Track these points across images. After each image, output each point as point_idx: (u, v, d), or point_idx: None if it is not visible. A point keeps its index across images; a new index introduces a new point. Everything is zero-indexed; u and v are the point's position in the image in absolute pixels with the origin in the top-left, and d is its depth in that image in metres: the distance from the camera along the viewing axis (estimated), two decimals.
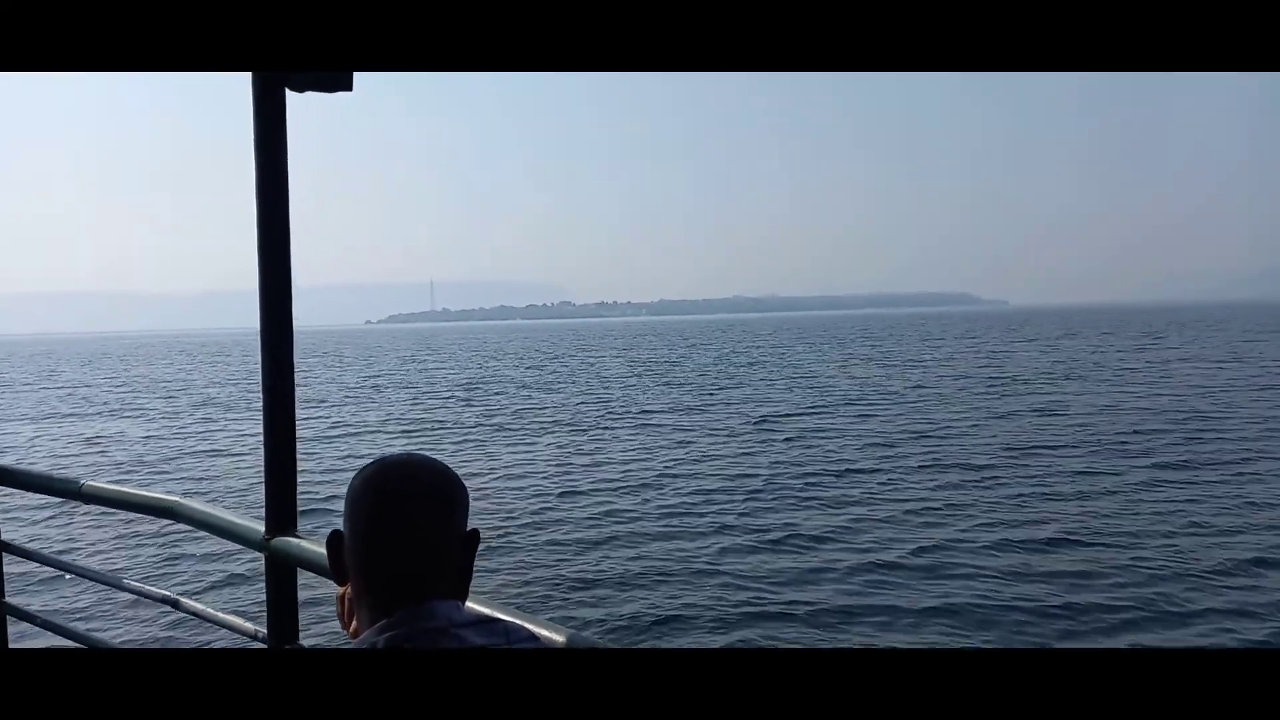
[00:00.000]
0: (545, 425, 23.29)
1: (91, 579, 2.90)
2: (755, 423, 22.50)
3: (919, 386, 31.78)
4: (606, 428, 22.64)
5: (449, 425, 24.06)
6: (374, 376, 45.05)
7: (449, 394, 34.33)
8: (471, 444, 20.36)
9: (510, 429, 22.82)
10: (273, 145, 1.97)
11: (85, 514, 12.04)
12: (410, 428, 23.97)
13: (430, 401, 31.56)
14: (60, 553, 10.05)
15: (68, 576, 7.73)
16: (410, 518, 1.17)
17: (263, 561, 2.05)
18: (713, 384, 35.24)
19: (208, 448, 20.93)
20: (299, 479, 2.10)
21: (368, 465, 1.23)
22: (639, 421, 23.64)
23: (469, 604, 1.28)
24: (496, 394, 33.73)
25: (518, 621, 1.27)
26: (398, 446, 19.45)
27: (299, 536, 1.96)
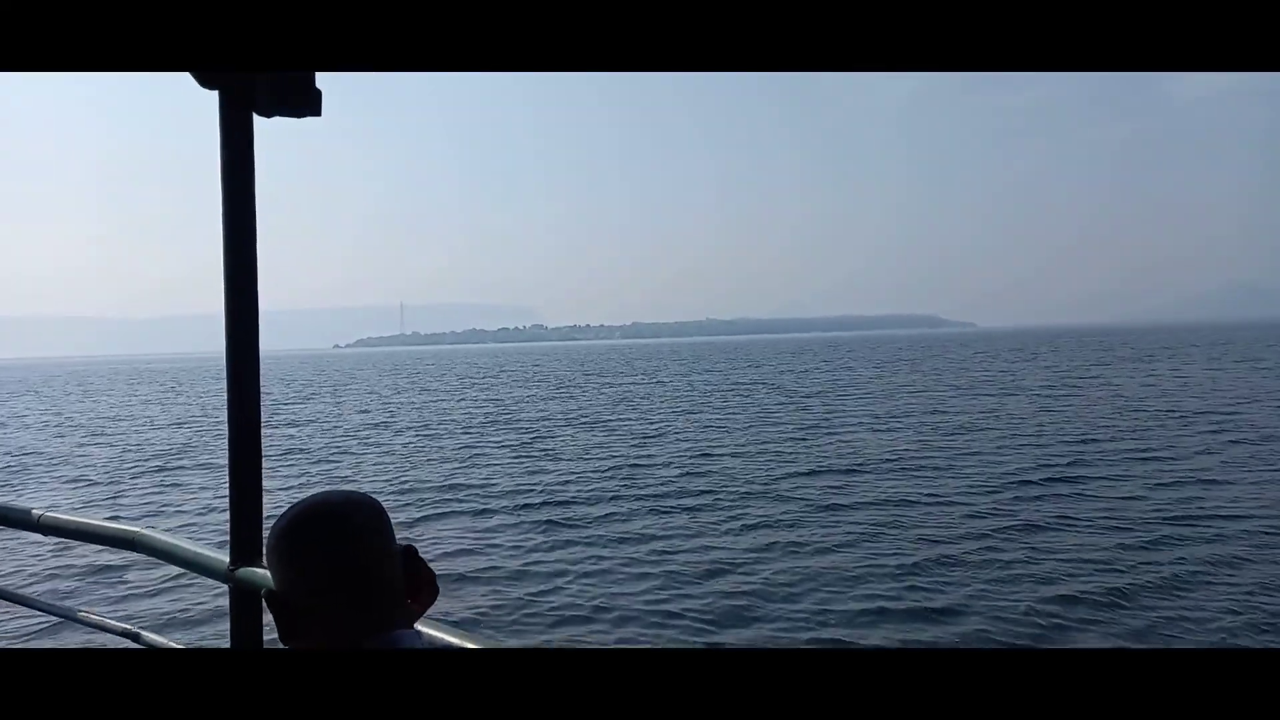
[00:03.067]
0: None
1: (46, 611, 2.82)
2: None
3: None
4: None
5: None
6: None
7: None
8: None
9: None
10: (240, 170, 1.95)
11: (41, 545, 11.73)
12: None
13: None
14: (13, 585, 9.87)
15: (22, 610, 7.47)
16: (357, 554, 1.16)
17: (227, 593, 2.02)
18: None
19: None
20: (265, 508, 2.04)
21: (282, 519, 1.20)
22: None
23: (431, 631, 1.32)
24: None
25: (486, 649, 1.28)
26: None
27: (264, 566, 1.90)
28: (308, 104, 1.85)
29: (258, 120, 1.93)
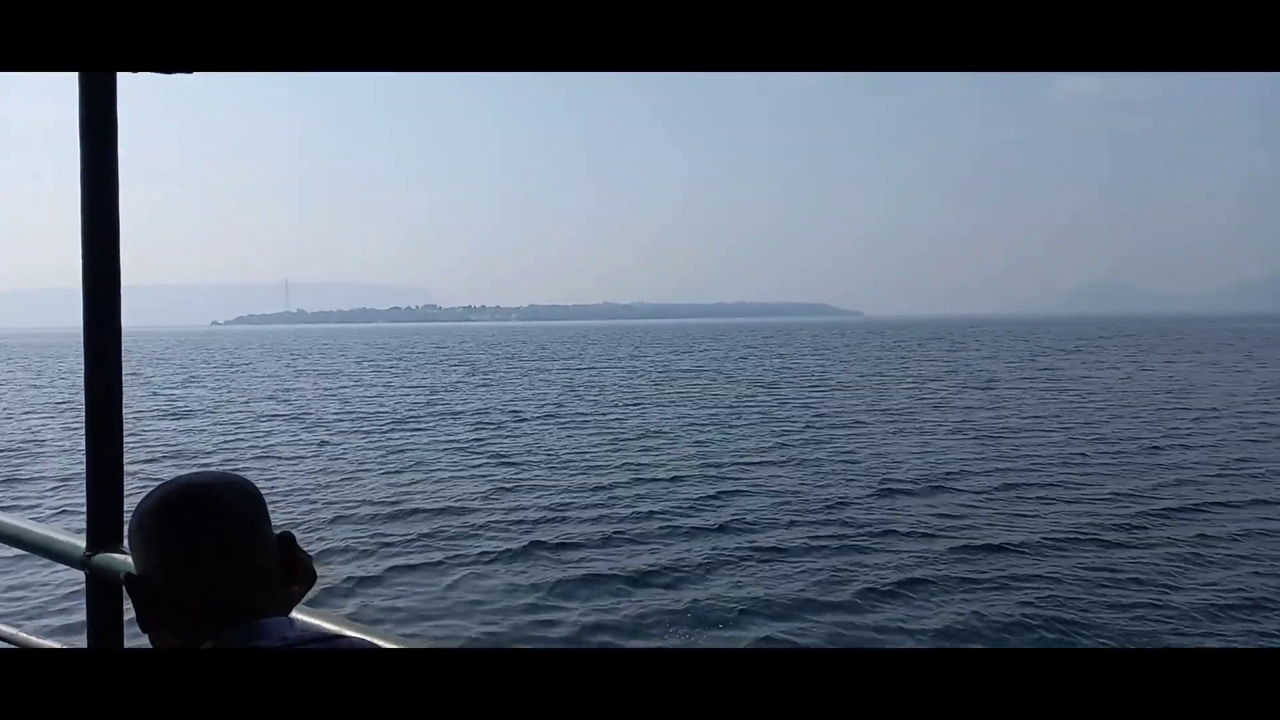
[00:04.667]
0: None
1: None
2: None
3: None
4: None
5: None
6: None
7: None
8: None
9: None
10: (100, 132, 1.84)
11: None
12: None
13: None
14: None
15: None
16: (229, 537, 1.12)
17: (84, 580, 1.94)
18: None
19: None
20: (126, 490, 1.96)
21: (149, 497, 1.15)
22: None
23: (307, 617, 1.28)
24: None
25: (362, 636, 1.22)
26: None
27: (125, 552, 1.78)
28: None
29: (121, 77, 1.84)
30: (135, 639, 1.31)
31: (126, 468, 2.00)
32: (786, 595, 9.24)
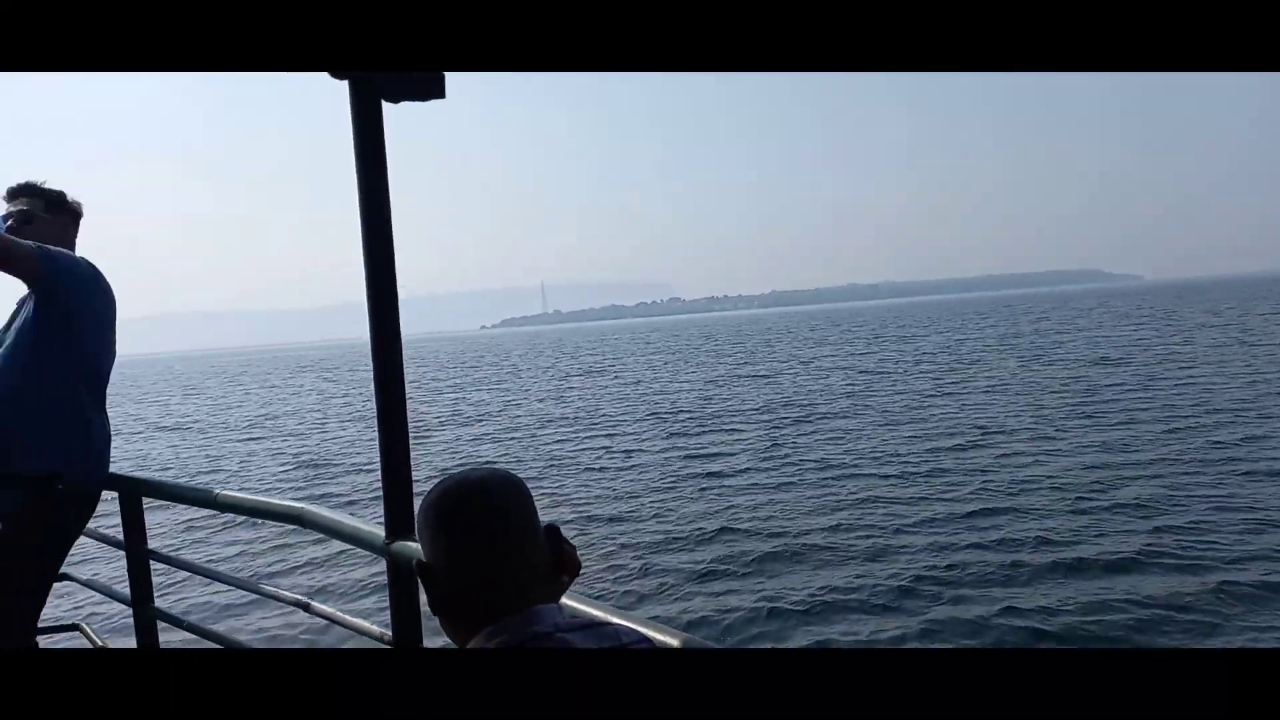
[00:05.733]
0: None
1: (230, 583, 2.93)
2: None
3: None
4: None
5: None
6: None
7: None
8: None
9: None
10: (372, 157, 2.00)
11: (221, 521, 12.27)
12: None
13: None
14: (200, 559, 10.23)
15: (209, 581, 7.89)
16: (494, 530, 1.17)
17: (384, 565, 2.10)
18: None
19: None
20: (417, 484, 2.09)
21: (431, 492, 1.22)
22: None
23: (575, 604, 1.40)
24: None
25: (627, 624, 1.26)
26: None
27: (417, 541, 1.71)
28: (433, 88, 1.94)
29: (387, 107, 1.99)
30: (431, 619, 1.34)
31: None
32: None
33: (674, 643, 1.32)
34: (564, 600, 1.26)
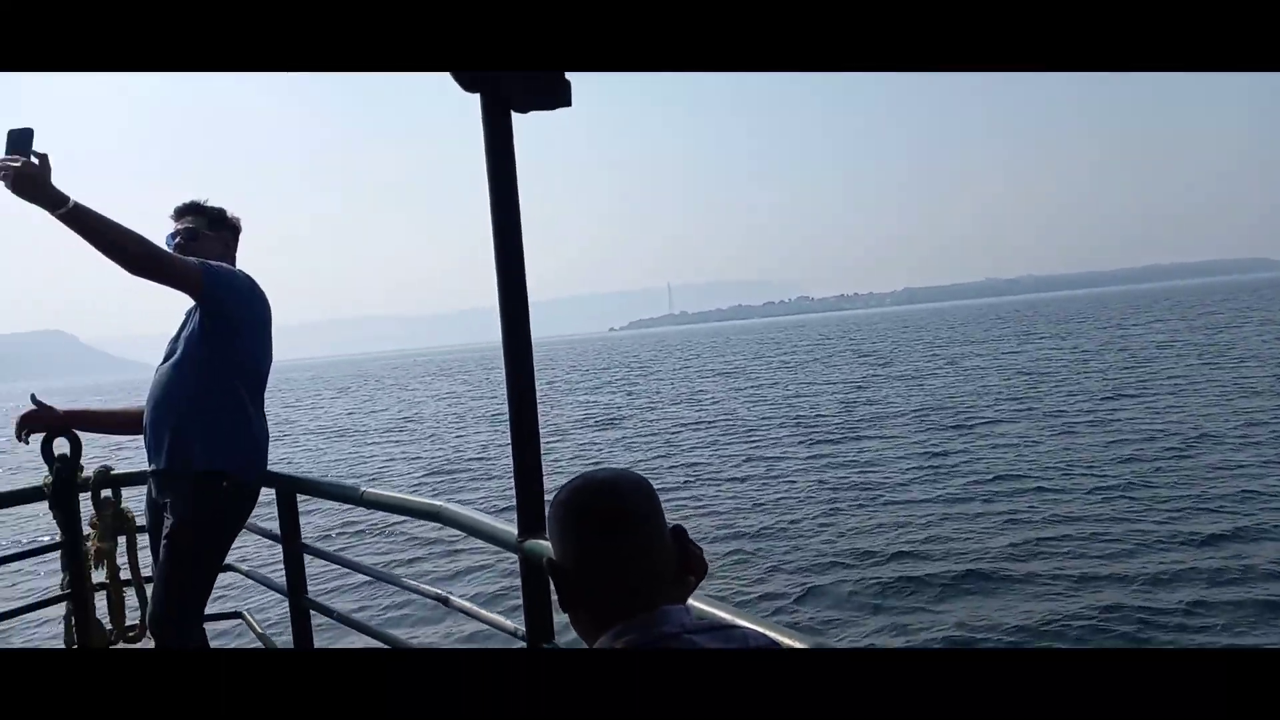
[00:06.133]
0: None
1: (375, 577, 3.08)
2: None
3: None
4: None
5: None
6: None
7: None
8: None
9: None
10: (503, 165, 2.07)
11: (364, 516, 12.66)
12: None
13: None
14: (347, 553, 10.40)
15: (355, 574, 8.25)
16: (627, 530, 1.18)
17: (518, 562, 2.16)
18: None
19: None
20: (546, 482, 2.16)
21: (563, 491, 1.24)
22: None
23: (703, 606, 1.39)
24: None
25: (754, 627, 1.27)
26: None
27: (548, 539, 1.81)
28: (559, 97, 2.05)
29: (516, 118, 2.07)
30: (562, 615, 1.33)
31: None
32: None
33: (802, 648, 1.32)
34: (691, 602, 1.26)
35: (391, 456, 21.91)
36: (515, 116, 2.11)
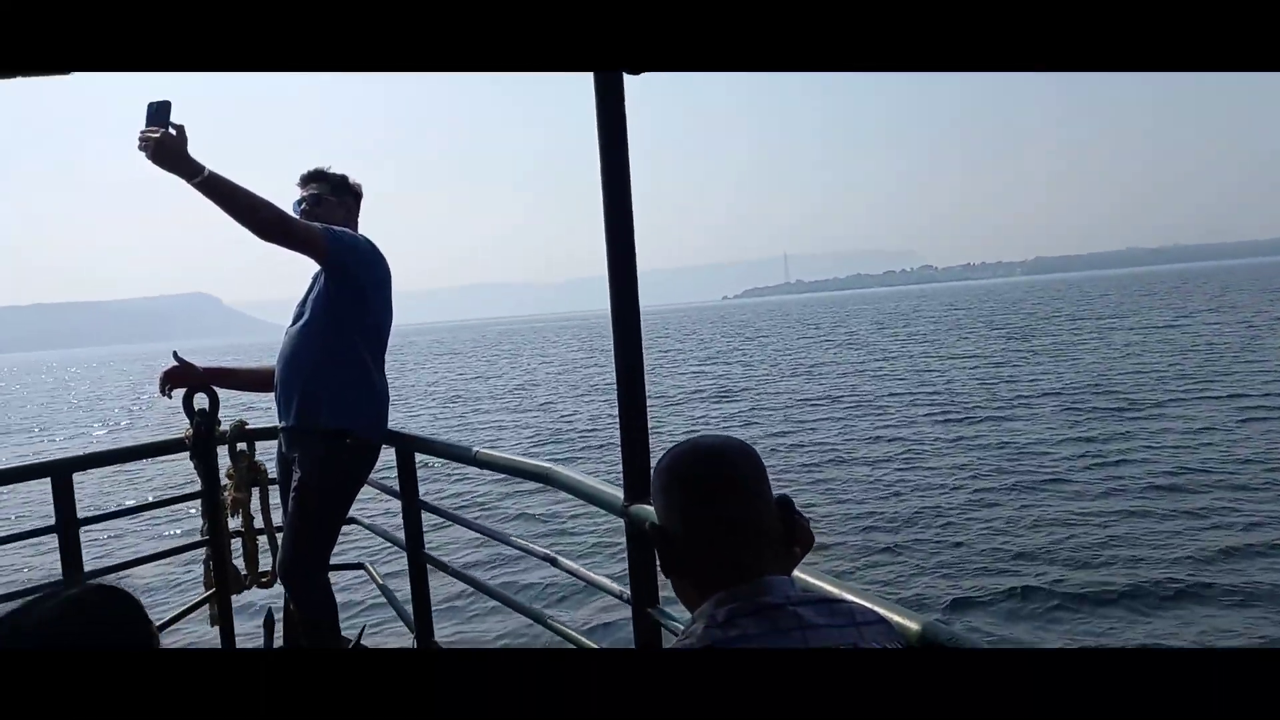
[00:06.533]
0: None
1: (488, 534, 3.13)
2: None
3: None
4: None
5: None
6: None
7: None
8: None
9: None
10: (615, 134, 2.06)
11: (476, 476, 12.96)
12: None
13: None
14: (459, 510, 10.61)
15: (468, 530, 8.39)
16: (730, 497, 1.17)
17: (623, 526, 2.20)
18: None
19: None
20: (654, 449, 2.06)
21: (667, 456, 1.24)
22: None
23: (808, 578, 1.39)
24: None
25: (861, 602, 1.21)
26: None
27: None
28: None
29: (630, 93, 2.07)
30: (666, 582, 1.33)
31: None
32: None
33: (913, 626, 1.28)
34: (796, 573, 1.24)
35: (503, 424, 22.31)
36: (628, 81, 2.09)
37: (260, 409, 3.35)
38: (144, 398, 42.69)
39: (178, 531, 11.06)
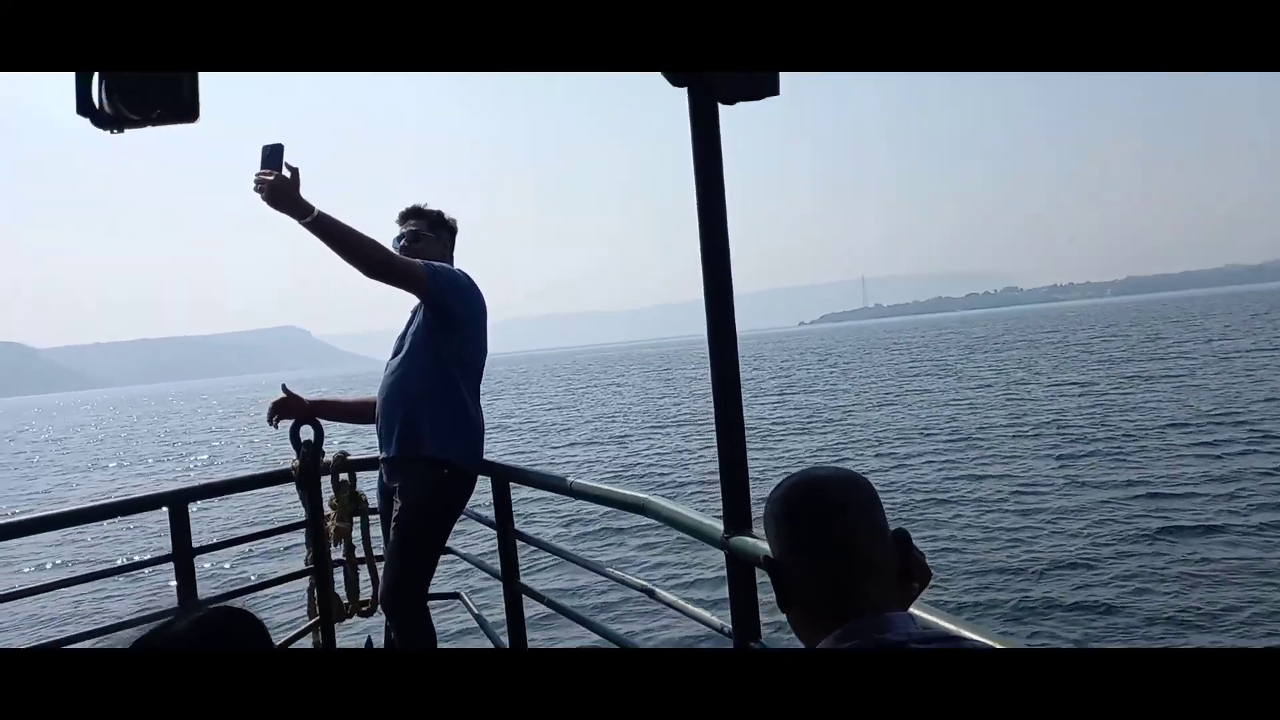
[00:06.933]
0: None
1: (583, 565, 3.16)
2: None
3: None
4: None
5: None
6: None
7: None
8: None
9: None
10: (710, 158, 2.06)
11: (571, 506, 12.96)
12: None
13: None
14: (554, 539, 10.79)
15: (564, 562, 8.48)
16: (846, 531, 1.15)
17: (723, 559, 2.13)
18: None
19: None
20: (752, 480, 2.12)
21: (781, 487, 1.22)
22: None
23: (926, 615, 1.33)
24: None
25: (985, 640, 1.22)
26: None
27: (755, 536, 2.02)
28: (767, 86, 1.98)
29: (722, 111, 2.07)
30: (770, 614, 1.32)
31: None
32: None
33: (1032, 649, 1.22)
34: (914, 610, 1.21)
35: (590, 459, 22.00)
36: (722, 108, 2.08)
37: (358, 441, 3.42)
38: (239, 427, 44.15)
39: (280, 560, 11.32)
